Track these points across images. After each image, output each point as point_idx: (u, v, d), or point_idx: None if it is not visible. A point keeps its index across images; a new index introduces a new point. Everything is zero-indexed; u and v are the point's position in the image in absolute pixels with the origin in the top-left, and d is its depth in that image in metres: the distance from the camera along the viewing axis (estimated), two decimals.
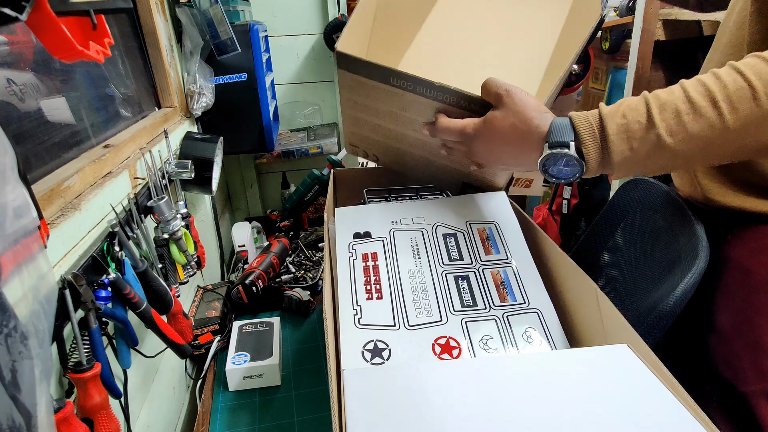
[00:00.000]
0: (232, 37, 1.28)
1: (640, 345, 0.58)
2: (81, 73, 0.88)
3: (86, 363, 0.60)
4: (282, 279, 1.39)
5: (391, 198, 1.15)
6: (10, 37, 0.68)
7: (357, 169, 1.31)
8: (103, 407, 0.61)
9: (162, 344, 0.82)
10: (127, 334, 0.73)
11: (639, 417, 0.50)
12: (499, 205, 0.91)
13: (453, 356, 0.66)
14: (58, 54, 0.49)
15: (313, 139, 1.86)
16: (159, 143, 1.04)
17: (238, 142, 1.48)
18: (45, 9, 0.44)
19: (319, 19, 1.77)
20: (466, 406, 0.52)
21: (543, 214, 2.33)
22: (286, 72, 1.84)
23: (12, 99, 0.66)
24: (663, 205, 0.98)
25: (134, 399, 0.85)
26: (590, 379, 0.56)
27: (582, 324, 0.71)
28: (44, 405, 0.44)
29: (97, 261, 0.69)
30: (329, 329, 0.64)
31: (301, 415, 0.98)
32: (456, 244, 0.83)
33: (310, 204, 1.78)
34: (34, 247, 0.47)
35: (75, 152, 0.81)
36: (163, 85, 1.21)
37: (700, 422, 0.49)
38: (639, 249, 1.05)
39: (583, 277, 0.70)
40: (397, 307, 0.72)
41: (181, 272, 0.97)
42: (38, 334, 0.45)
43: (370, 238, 0.84)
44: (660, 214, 0.99)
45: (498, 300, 0.74)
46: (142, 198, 0.90)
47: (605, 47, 2.05)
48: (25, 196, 0.46)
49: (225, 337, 1.19)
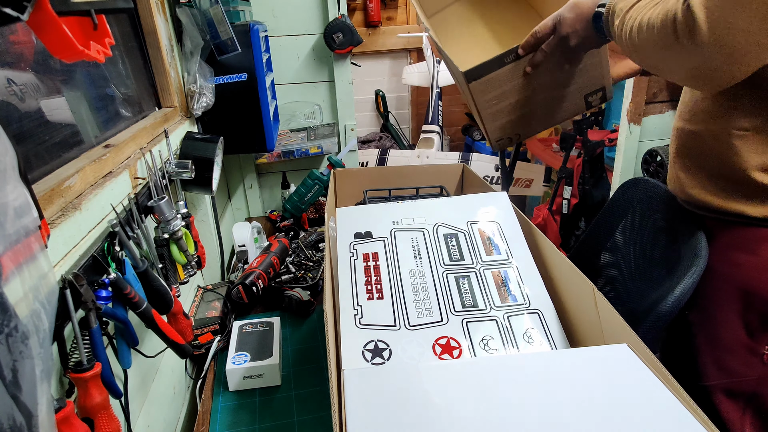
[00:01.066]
0: (233, 37, 1.29)
1: (640, 345, 0.58)
2: (81, 73, 0.88)
3: (87, 363, 0.60)
4: (282, 279, 1.39)
5: (391, 198, 1.15)
6: (10, 37, 0.68)
7: (357, 169, 1.31)
8: (103, 407, 0.61)
9: (162, 344, 0.82)
10: (128, 334, 0.73)
11: (639, 417, 0.50)
12: (500, 205, 0.91)
13: (453, 356, 0.67)
14: (59, 54, 0.50)
15: (313, 139, 1.86)
16: (159, 143, 1.04)
17: (238, 142, 1.48)
18: (46, 9, 0.44)
19: (319, 19, 1.77)
20: (466, 406, 0.52)
21: (543, 214, 2.33)
22: (286, 72, 1.84)
23: (12, 99, 0.66)
24: (663, 205, 0.99)
25: (134, 399, 0.85)
26: (590, 379, 0.56)
27: (581, 324, 0.71)
28: (45, 405, 0.44)
29: (98, 261, 0.69)
30: (329, 329, 0.64)
31: (301, 415, 0.98)
32: (457, 244, 0.83)
33: (310, 204, 1.79)
34: (34, 246, 0.47)
35: (75, 152, 0.81)
36: (163, 85, 1.21)
37: (700, 422, 0.49)
38: (639, 249, 1.05)
39: (581, 278, 0.71)
40: (397, 307, 0.72)
41: (182, 272, 0.97)
42: (39, 333, 0.45)
43: (371, 238, 0.84)
44: (660, 214, 0.99)
45: (499, 300, 0.74)
46: (143, 198, 0.90)
47: None
48: (26, 195, 0.46)
49: (225, 337, 1.19)
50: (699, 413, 0.50)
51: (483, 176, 2.11)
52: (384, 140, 3.17)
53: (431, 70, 2.90)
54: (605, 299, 0.65)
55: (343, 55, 1.80)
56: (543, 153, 2.48)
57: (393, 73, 3.31)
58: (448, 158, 2.76)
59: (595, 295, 0.66)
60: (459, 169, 1.28)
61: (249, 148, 1.55)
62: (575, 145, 2.11)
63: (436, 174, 1.27)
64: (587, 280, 0.69)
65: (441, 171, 1.28)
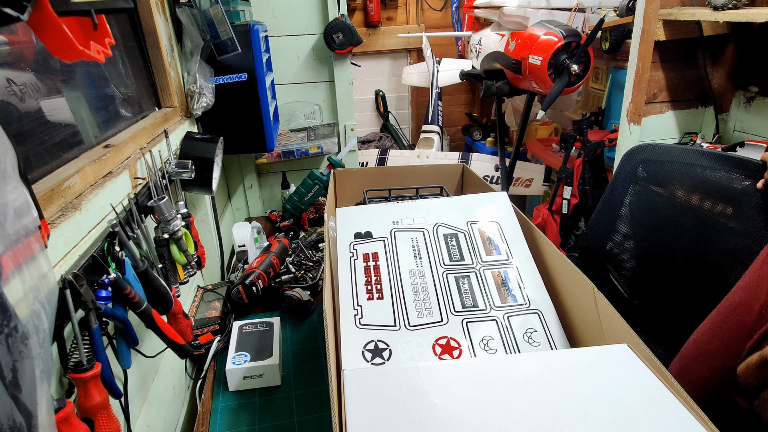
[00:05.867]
0: (233, 37, 1.29)
1: (640, 345, 0.58)
2: (81, 73, 0.88)
3: (86, 363, 0.60)
4: (282, 279, 1.39)
5: (391, 198, 1.15)
6: (10, 37, 0.68)
7: (357, 169, 1.31)
8: (103, 407, 0.61)
9: (162, 344, 0.82)
10: (128, 334, 0.73)
11: (639, 416, 0.50)
12: (500, 205, 0.91)
13: (453, 357, 0.66)
14: (59, 54, 0.50)
15: (313, 139, 1.86)
16: (159, 143, 1.04)
17: (238, 142, 1.48)
18: (46, 9, 0.44)
19: (319, 19, 1.77)
20: (466, 406, 0.52)
21: (543, 214, 2.33)
22: (286, 72, 1.84)
23: (12, 99, 0.66)
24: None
25: (134, 399, 0.85)
26: (590, 379, 0.56)
27: (581, 324, 0.71)
28: (45, 405, 0.44)
29: (98, 261, 0.69)
30: (329, 329, 0.64)
31: (301, 415, 0.98)
32: (457, 245, 0.83)
33: (310, 204, 1.79)
34: (34, 246, 0.47)
35: (75, 152, 0.81)
36: (163, 85, 1.21)
37: (700, 422, 0.49)
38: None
39: (581, 278, 0.70)
40: (397, 307, 0.72)
41: (182, 272, 0.97)
42: (39, 333, 0.45)
43: (371, 238, 0.84)
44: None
45: (499, 300, 0.74)
46: (143, 198, 0.90)
47: (605, 47, 2.05)
48: (26, 195, 0.46)
49: (225, 337, 1.19)
50: (699, 413, 0.50)
51: (483, 176, 2.11)
52: (384, 140, 3.17)
53: (431, 70, 2.90)
54: (605, 299, 0.64)
55: (343, 55, 1.80)
56: (543, 153, 2.48)
57: (393, 73, 3.31)
58: (448, 158, 2.76)
59: (595, 295, 0.66)
60: (459, 169, 1.28)
61: (249, 148, 1.55)
62: (575, 145, 2.11)
63: (436, 174, 1.27)
64: (587, 280, 0.69)
65: (441, 171, 1.28)
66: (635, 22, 1.55)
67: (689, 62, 1.63)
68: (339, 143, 1.94)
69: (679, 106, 1.69)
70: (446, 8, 3.20)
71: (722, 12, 1.30)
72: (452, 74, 2.82)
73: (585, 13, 2.15)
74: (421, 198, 1.09)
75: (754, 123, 1.55)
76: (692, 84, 1.66)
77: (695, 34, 1.53)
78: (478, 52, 2.60)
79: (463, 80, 2.77)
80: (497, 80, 2.35)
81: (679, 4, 1.50)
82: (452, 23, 3.20)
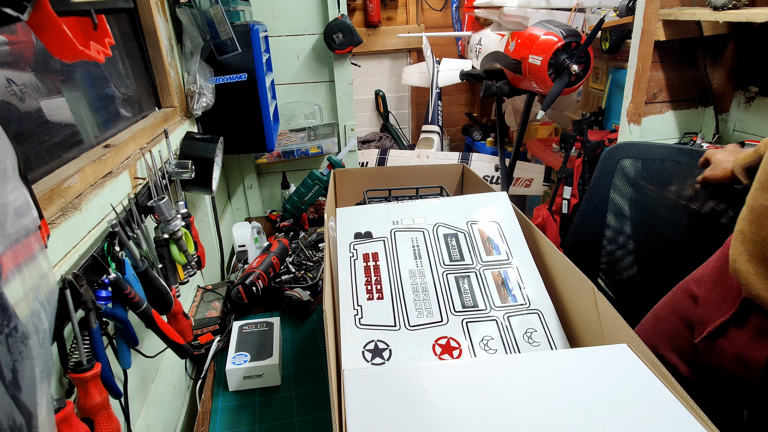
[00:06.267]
0: (233, 37, 1.28)
1: (640, 345, 0.58)
2: (81, 73, 0.88)
3: (86, 363, 0.60)
4: (282, 279, 1.39)
5: (391, 198, 1.15)
6: (10, 37, 0.68)
7: (357, 169, 1.31)
8: (103, 407, 0.61)
9: (162, 344, 0.82)
10: (128, 334, 0.73)
11: (639, 417, 0.50)
12: (500, 205, 0.91)
13: (453, 357, 0.66)
14: (59, 54, 0.50)
15: (313, 139, 1.86)
16: (159, 143, 1.04)
17: (238, 142, 1.48)
18: (46, 9, 0.44)
19: (319, 19, 1.77)
20: (466, 406, 0.52)
21: (543, 214, 2.33)
22: (286, 72, 1.84)
23: (12, 99, 0.66)
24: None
25: (134, 399, 0.85)
26: (591, 378, 0.56)
27: (581, 324, 0.71)
28: (45, 405, 0.44)
29: (98, 261, 0.69)
30: (329, 329, 0.64)
31: (301, 415, 0.98)
32: (457, 245, 0.83)
33: (310, 204, 1.79)
34: (34, 246, 0.47)
35: (75, 152, 0.81)
36: (163, 85, 1.21)
37: (699, 422, 0.49)
38: None
39: (581, 278, 0.70)
40: (397, 307, 0.72)
41: (181, 272, 0.97)
42: (39, 333, 0.45)
43: (372, 238, 0.84)
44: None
45: (499, 300, 0.74)
46: (143, 198, 0.90)
47: (605, 47, 2.05)
48: (26, 195, 0.46)
49: (225, 337, 1.19)
50: (699, 413, 0.50)
51: (483, 176, 2.11)
52: (384, 140, 3.17)
53: (431, 71, 2.90)
54: (605, 299, 0.64)
55: (343, 55, 1.80)
56: (543, 153, 2.48)
57: (393, 73, 3.31)
58: (448, 158, 2.76)
59: (595, 295, 0.66)
60: (459, 169, 1.28)
61: (249, 148, 1.55)
62: (575, 146, 2.11)
63: (436, 174, 1.27)
64: (587, 280, 0.69)
65: (441, 171, 1.28)
66: (635, 22, 1.55)
67: (689, 62, 1.63)
68: (339, 143, 1.94)
69: (679, 106, 1.69)
70: (446, 8, 3.20)
71: (722, 12, 1.30)
72: (452, 74, 2.82)
73: (585, 13, 2.15)
74: (421, 198, 1.09)
75: (754, 123, 1.55)
76: (692, 84, 1.66)
77: (695, 34, 1.53)
78: (478, 52, 2.61)
79: (463, 80, 2.77)
80: (497, 80, 2.35)
81: (679, 4, 1.50)
82: (452, 23, 3.20)
